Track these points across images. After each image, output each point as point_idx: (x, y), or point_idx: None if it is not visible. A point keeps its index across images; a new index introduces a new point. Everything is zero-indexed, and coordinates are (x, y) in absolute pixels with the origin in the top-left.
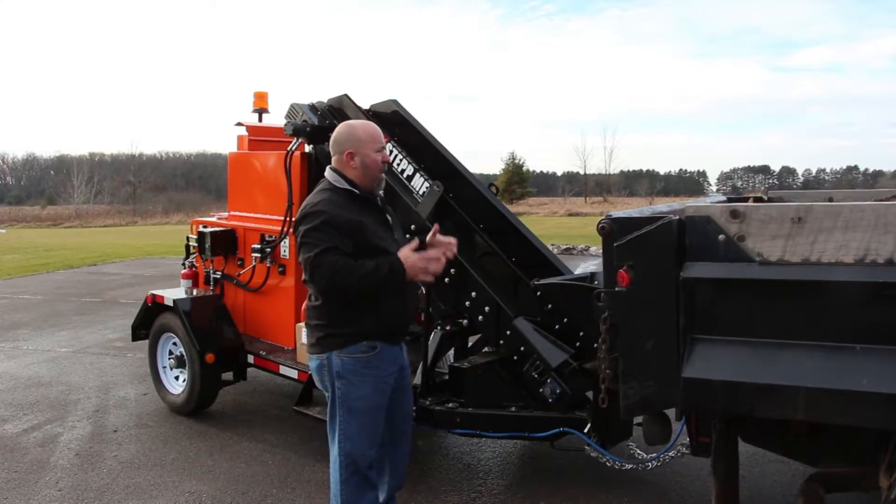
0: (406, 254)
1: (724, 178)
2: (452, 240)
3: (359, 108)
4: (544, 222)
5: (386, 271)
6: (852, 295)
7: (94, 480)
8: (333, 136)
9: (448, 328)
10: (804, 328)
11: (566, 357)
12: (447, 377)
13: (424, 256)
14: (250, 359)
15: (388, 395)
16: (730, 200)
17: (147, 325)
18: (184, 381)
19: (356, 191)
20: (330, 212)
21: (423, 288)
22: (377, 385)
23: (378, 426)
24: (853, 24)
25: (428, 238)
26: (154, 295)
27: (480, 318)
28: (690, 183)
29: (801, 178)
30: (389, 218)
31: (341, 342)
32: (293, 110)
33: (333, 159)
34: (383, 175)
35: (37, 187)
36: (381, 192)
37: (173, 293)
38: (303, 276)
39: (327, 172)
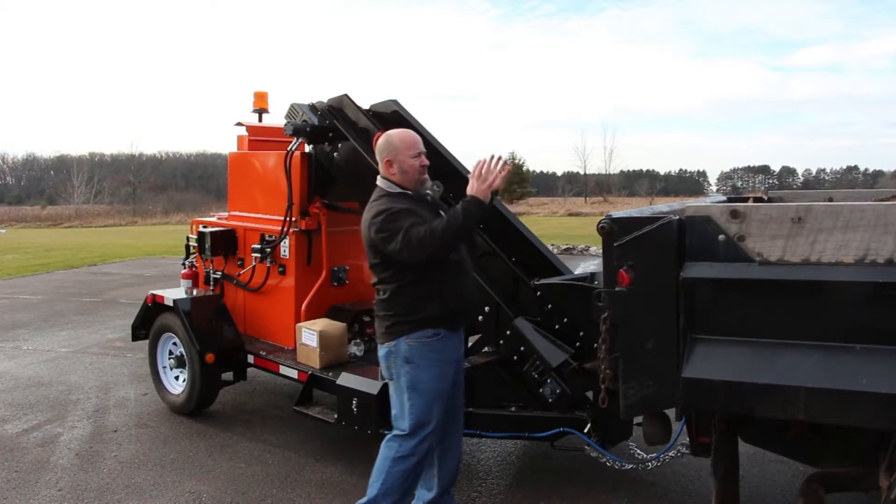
0: (469, 186)
1: (724, 178)
2: (501, 156)
3: (359, 108)
4: (544, 222)
5: (461, 209)
6: (852, 295)
7: (94, 480)
8: (376, 146)
9: None
10: (804, 328)
11: (566, 357)
12: None
13: (479, 176)
14: (250, 359)
15: (452, 382)
16: (730, 200)
17: (147, 325)
18: (184, 381)
19: (408, 192)
20: (393, 206)
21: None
22: (443, 370)
23: (443, 408)
24: (853, 24)
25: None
26: (154, 295)
27: (480, 318)
28: (690, 183)
29: (801, 178)
30: (443, 213)
31: (409, 328)
32: (293, 110)
33: (379, 168)
34: (426, 177)
35: (37, 187)
36: (429, 192)
37: (173, 293)
38: (373, 279)
39: (378, 181)
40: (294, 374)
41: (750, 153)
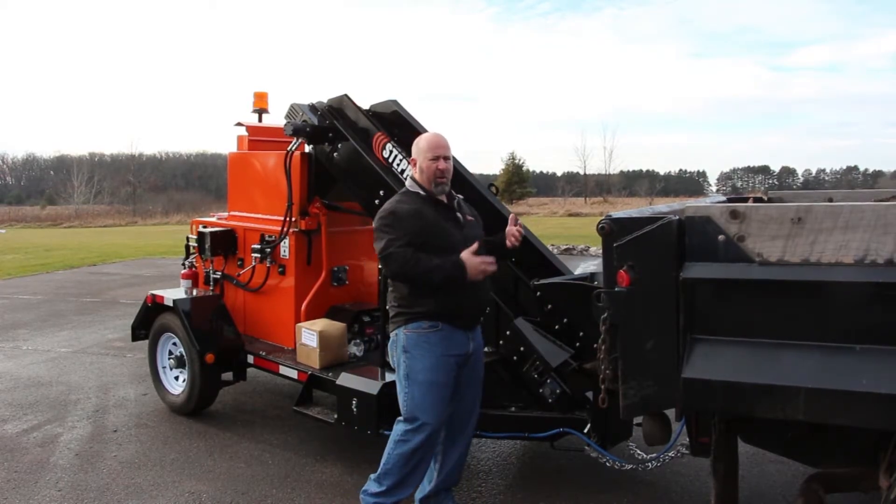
0: (467, 256)
1: (724, 178)
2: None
3: (359, 108)
4: (544, 222)
5: (449, 267)
6: (852, 295)
7: (94, 480)
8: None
9: None
10: (804, 328)
11: (566, 357)
12: None
13: (481, 259)
14: (250, 359)
15: (452, 375)
16: (730, 200)
17: (147, 326)
18: (184, 381)
19: (422, 192)
20: (397, 208)
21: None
22: (438, 361)
23: (441, 400)
24: (852, 23)
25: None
26: (154, 295)
27: (480, 318)
28: (690, 183)
29: (801, 178)
30: (461, 217)
31: (406, 319)
32: (293, 110)
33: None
34: (443, 180)
35: (37, 187)
36: (458, 197)
37: (173, 293)
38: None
39: (407, 179)
40: (294, 374)
41: (750, 153)
